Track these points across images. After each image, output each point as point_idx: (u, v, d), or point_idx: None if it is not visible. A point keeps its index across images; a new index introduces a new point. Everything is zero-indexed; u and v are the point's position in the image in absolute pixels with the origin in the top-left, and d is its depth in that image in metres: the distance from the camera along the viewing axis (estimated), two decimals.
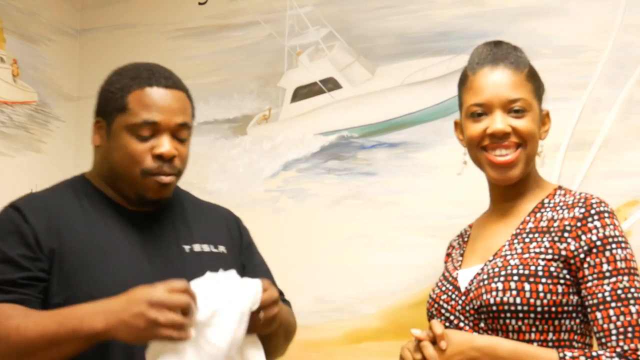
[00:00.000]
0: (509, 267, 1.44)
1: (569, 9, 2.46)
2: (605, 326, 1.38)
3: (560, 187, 1.58)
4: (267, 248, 1.94)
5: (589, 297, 1.41)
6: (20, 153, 2.97)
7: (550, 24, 2.47)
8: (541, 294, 1.41)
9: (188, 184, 1.73)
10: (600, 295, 1.39)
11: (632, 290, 1.39)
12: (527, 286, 1.41)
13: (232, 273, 1.43)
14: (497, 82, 1.53)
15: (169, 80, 1.60)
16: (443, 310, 1.55)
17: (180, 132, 1.59)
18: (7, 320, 1.37)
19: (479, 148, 1.56)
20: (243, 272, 1.63)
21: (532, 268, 1.43)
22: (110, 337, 1.34)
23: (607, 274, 1.40)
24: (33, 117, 3.08)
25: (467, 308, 1.50)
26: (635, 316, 1.37)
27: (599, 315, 1.39)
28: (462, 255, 1.64)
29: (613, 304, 1.38)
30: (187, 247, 1.62)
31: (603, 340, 1.39)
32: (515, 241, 1.49)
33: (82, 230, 1.53)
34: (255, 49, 2.99)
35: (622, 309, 1.38)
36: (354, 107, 2.82)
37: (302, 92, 2.91)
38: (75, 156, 3.19)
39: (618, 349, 1.36)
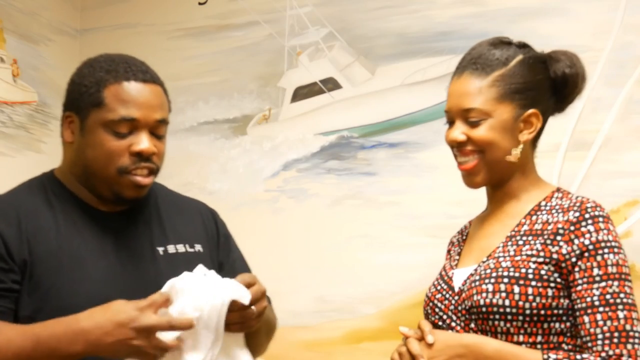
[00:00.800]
0: (500, 269, 1.44)
1: (569, 9, 2.46)
2: (591, 330, 1.38)
3: (558, 189, 1.56)
4: (267, 248, 1.94)
5: (578, 301, 1.40)
6: (20, 153, 2.98)
7: (550, 24, 2.47)
8: (530, 297, 1.40)
9: (188, 184, 1.73)
10: (589, 299, 1.39)
11: (622, 295, 1.38)
12: (516, 289, 1.41)
13: (211, 272, 1.37)
14: (456, 92, 1.53)
15: (146, 74, 1.51)
16: (437, 309, 1.55)
17: (158, 129, 1.50)
18: None
19: (453, 154, 1.58)
20: (221, 269, 1.58)
21: (523, 270, 1.42)
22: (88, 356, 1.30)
23: (597, 279, 1.39)
24: (33, 117, 3.08)
25: (460, 308, 1.50)
26: (622, 322, 1.36)
27: (586, 319, 1.39)
28: (459, 254, 1.64)
29: (601, 309, 1.37)
30: (160, 249, 1.55)
31: (589, 344, 1.38)
32: (509, 243, 1.49)
33: (52, 237, 1.45)
34: (255, 49, 2.99)
35: (610, 313, 1.37)
36: (354, 107, 2.82)
37: (302, 92, 2.92)
38: None
39: (603, 354, 1.35)
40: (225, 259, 1.64)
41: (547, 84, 1.55)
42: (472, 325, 1.47)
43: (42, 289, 1.41)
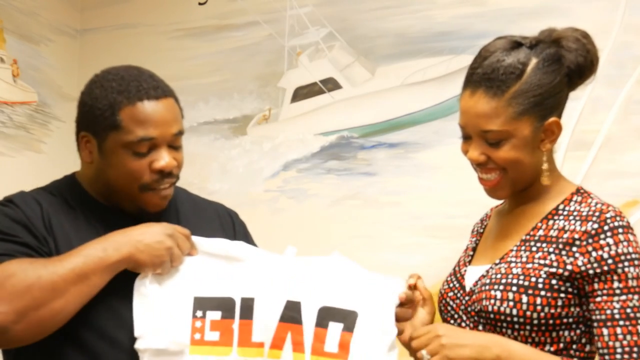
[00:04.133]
0: (510, 276, 1.43)
1: (569, 9, 2.46)
2: (610, 343, 1.36)
3: (578, 191, 1.51)
4: (267, 248, 1.94)
5: (596, 312, 1.38)
6: (20, 153, 2.97)
7: (550, 24, 2.44)
8: (539, 307, 1.39)
9: (188, 184, 1.72)
10: (609, 311, 1.37)
11: None
12: (524, 298, 1.39)
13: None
14: (472, 111, 1.46)
15: (158, 90, 1.52)
16: (449, 307, 1.55)
17: (175, 141, 1.54)
18: (31, 265, 1.37)
19: (472, 167, 1.55)
20: None
21: (533, 280, 1.40)
22: (129, 264, 1.42)
23: (618, 292, 1.37)
24: (33, 117, 3.08)
25: (469, 309, 1.49)
26: None
27: (605, 331, 1.37)
28: (474, 249, 1.63)
29: (621, 322, 1.36)
30: None
31: (607, 357, 1.37)
32: (523, 248, 1.47)
33: (72, 238, 1.49)
34: (255, 49, 2.99)
35: (630, 328, 1.35)
36: (354, 107, 2.82)
37: (302, 92, 2.92)
38: (75, 156, 3.17)
39: None
40: None
41: (564, 82, 1.49)
42: (480, 327, 1.46)
43: None
